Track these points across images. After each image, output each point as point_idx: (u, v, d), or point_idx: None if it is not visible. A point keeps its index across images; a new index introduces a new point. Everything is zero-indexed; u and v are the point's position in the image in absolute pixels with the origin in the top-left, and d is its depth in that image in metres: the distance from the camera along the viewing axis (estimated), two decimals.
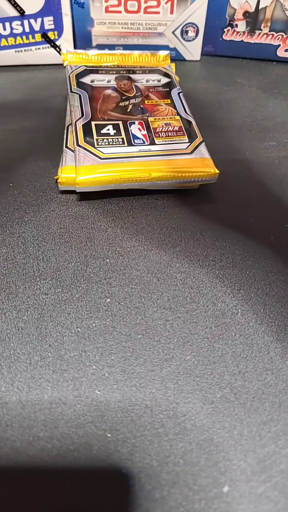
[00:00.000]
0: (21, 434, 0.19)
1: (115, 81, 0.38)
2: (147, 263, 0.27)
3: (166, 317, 0.24)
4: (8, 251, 0.27)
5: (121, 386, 0.21)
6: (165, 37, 0.52)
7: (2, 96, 0.45)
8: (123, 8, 0.49)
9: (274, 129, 0.41)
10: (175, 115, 0.35)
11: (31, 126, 0.40)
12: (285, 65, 0.54)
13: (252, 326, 0.23)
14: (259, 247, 0.28)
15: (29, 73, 0.50)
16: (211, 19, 0.51)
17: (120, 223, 0.30)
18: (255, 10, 0.50)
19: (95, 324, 0.23)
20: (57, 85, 0.47)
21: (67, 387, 0.21)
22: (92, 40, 0.52)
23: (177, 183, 0.31)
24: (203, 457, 0.18)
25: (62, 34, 0.50)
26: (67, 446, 0.19)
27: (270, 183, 0.34)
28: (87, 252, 0.27)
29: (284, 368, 0.22)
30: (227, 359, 0.22)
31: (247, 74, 0.52)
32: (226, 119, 0.42)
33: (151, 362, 0.22)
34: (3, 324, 0.23)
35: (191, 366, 0.22)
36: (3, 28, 0.48)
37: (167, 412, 0.20)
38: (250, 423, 0.19)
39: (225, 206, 0.31)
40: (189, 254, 0.28)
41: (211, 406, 0.20)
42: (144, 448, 0.19)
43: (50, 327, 0.23)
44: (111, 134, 0.32)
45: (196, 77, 0.51)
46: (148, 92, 0.37)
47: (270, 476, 0.18)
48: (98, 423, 0.19)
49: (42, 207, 0.31)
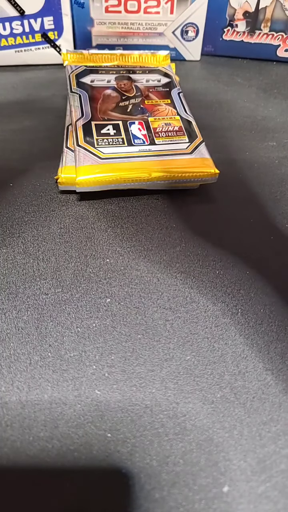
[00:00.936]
0: (21, 434, 0.19)
1: (115, 81, 0.38)
2: (147, 263, 0.27)
3: (166, 317, 0.24)
4: (8, 251, 0.27)
5: (121, 386, 0.21)
6: (165, 37, 0.52)
7: (2, 96, 0.45)
8: (123, 8, 0.49)
9: (274, 129, 0.41)
10: (175, 115, 0.35)
11: (31, 126, 0.40)
12: (285, 65, 0.54)
13: (252, 326, 0.23)
14: (259, 247, 0.28)
15: (29, 73, 0.50)
16: (211, 19, 0.51)
17: (120, 223, 0.30)
18: (255, 10, 0.50)
19: (95, 324, 0.23)
20: (57, 85, 0.47)
21: (67, 387, 0.21)
22: (92, 40, 0.52)
23: (177, 183, 0.31)
24: (203, 457, 0.18)
25: (62, 34, 0.50)
26: (67, 446, 0.19)
27: (270, 183, 0.34)
28: (87, 252, 0.27)
29: (284, 368, 0.22)
30: (227, 359, 0.22)
31: (247, 74, 0.52)
32: (226, 119, 0.42)
33: (151, 362, 0.22)
34: (3, 324, 0.23)
35: (191, 366, 0.22)
36: (3, 28, 0.48)
37: (167, 412, 0.20)
38: (250, 423, 0.19)
39: (225, 206, 0.31)
40: (189, 254, 0.28)
41: (211, 406, 0.20)
42: (144, 448, 0.19)
43: (50, 327, 0.23)
44: (111, 134, 0.32)
45: (196, 77, 0.51)
46: (148, 92, 0.37)
47: (270, 476, 0.18)
48: (98, 423, 0.19)
49: (42, 207, 0.31)
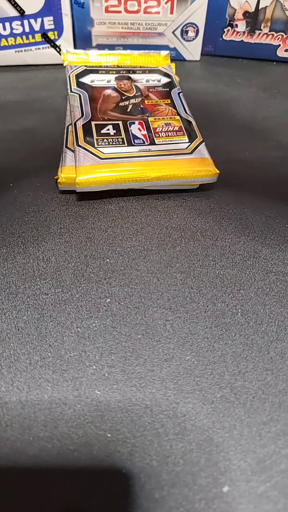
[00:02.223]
0: (21, 434, 0.19)
1: (115, 81, 0.38)
2: (147, 263, 0.27)
3: (166, 317, 0.24)
4: (8, 251, 0.27)
5: (121, 386, 0.21)
6: (165, 37, 0.52)
7: (2, 96, 0.45)
8: (123, 8, 0.49)
9: (274, 129, 0.41)
10: (175, 115, 0.35)
11: (31, 126, 0.40)
12: (285, 65, 0.54)
13: (252, 326, 0.23)
14: (259, 247, 0.28)
15: (29, 73, 0.50)
16: (211, 19, 0.51)
17: (120, 223, 0.30)
18: (255, 10, 0.50)
19: (95, 324, 0.23)
20: (57, 85, 0.47)
21: (67, 387, 0.21)
22: (92, 40, 0.52)
23: (177, 183, 0.31)
24: (203, 457, 0.18)
25: (62, 34, 0.50)
26: (67, 446, 0.19)
27: (270, 183, 0.34)
28: (87, 252, 0.27)
29: (284, 368, 0.22)
30: (227, 359, 0.22)
31: (247, 74, 0.52)
32: (226, 119, 0.42)
33: (151, 362, 0.22)
34: (3, 324, 0.23)
35: (191, 366, 0.22)
36: (3, 28, 0.48)
37: (167, 412, 0.20)
38: (250, 423, 0.19)
39: (225, 206, 0.31)
40: (189, 254, 0.28)
41: (211, 406, 0.20)
42: (144, 448, 0.19)
43: (50, 327, 0.23)
44: (111, 134, 0.32)
45: (196, 77, 0.51)
46: (148, 92, 0.37)
47: (270, 476, 0.18)
48: (98, 423, 0.19)
49: (42, 207, 0.31)
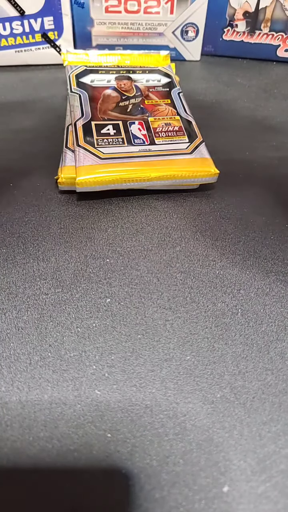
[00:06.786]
0: (21, 434, 0.19)
1: (115, 81, 0.38)
2: (147, 263, 0.27)
3: (166, 317, 0.24)
4: (8, 251, 0.27)
5: (121, 386, 0.21)
6: (165, 37, 0.52)
7: (2, 96, 0.45)
8: (123, 8, 0.49)
9: (274, 129, 0.41)
10: (175, 115, 0.35)
11: (31, 126, 0.40)
12: (285, 65, 0.54)
13: (252, 326, 0.23)
14: (259, 247, 0.28)
15: (29, 73, 0.50)
16: (211, 19, 0.51)
17: (120, 223, 0.30)
18: (255, 10, 0.50)
19: (95, 324, 0.23)
20: (57, 85, 0.47)
21: (67, 387, 0.21)
22: (92, 40, 0.52)
23: (177, 183, 0.31)
24: (203, 457, 0.18)
25: (62, 34, 0.50)
26: (67, 446, 0.19)
27: (270, 183, 0.34)
28: (87, 252, 0.27)
29: (284, 368, 0.22)
30: (227, 359, 0.22)
31: (247, 74, 0.52)
32: (226, 119, 0.42)
33: (151, 362, 0.22)
34: (3, 324, 0.23)
35: (191, 366, 0.22)
36: (3, 28, 0.48)
37: (167, 412, 0.20)
38: (250, 423, 0.19)
39: (225, 206, 0.31)
40: (189, 254, 0.28)
41: (211, 406, 0.20)
42: (144, 448, 0.19)
43: (50, 327, 0.23)
44: (111, 134, 0.32)
45: (196, 77, 0.51)
46: (148, 92, 0.37)
47: (270, 476, 0.18)
48: (98, 423, 0.19)
49: (42, 207, 0.31)
